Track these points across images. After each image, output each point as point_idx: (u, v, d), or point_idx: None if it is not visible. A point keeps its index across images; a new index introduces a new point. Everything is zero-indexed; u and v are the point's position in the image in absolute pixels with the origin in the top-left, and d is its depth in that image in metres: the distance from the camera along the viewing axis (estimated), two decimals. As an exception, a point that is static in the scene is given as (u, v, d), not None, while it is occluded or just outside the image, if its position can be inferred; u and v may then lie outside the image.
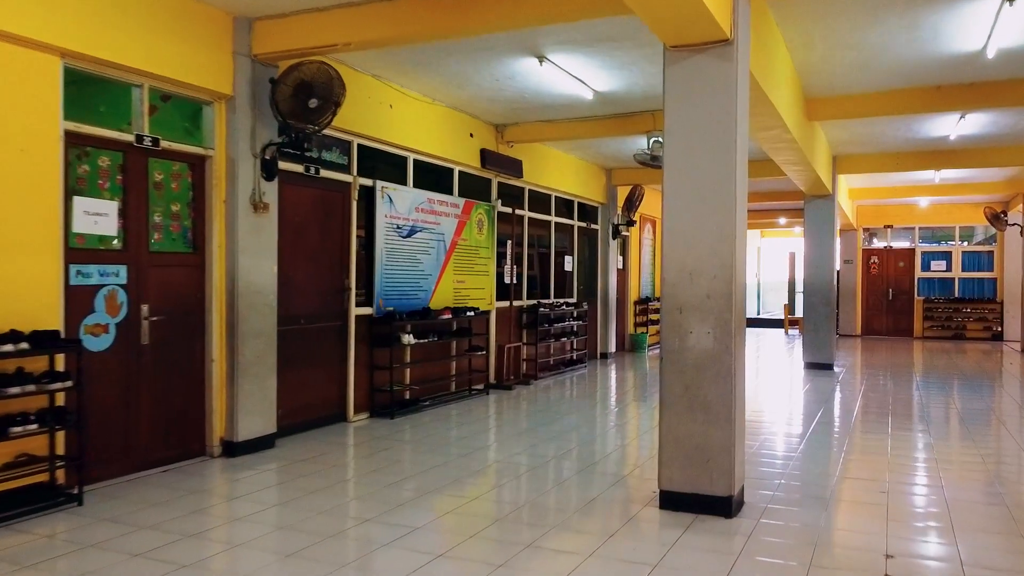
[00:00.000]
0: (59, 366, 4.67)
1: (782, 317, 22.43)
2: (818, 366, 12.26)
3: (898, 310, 19.57)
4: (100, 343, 5.09)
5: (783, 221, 22.72)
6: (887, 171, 12.62)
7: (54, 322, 4.67)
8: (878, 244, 20.02)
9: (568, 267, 12.56)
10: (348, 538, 4.12)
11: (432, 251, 8.58)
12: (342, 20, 5.64)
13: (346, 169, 7.37)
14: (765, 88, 5.89)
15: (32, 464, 4.52)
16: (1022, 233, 15.87)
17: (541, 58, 6.89)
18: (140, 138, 5.29)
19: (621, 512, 4.61)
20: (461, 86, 7.88)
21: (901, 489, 5.24)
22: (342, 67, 6.93)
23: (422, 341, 8.13)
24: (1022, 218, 16.16)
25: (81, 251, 4.98)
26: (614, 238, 13.81)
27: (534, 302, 10.99)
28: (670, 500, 4.60)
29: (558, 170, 11.69)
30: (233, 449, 5.88)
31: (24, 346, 4.31)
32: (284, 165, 6.48)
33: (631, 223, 13.82)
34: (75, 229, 4.93)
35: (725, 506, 4.47)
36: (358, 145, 7.47)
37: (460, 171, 9.21)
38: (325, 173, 7.06)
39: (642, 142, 10.14)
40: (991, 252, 18.92)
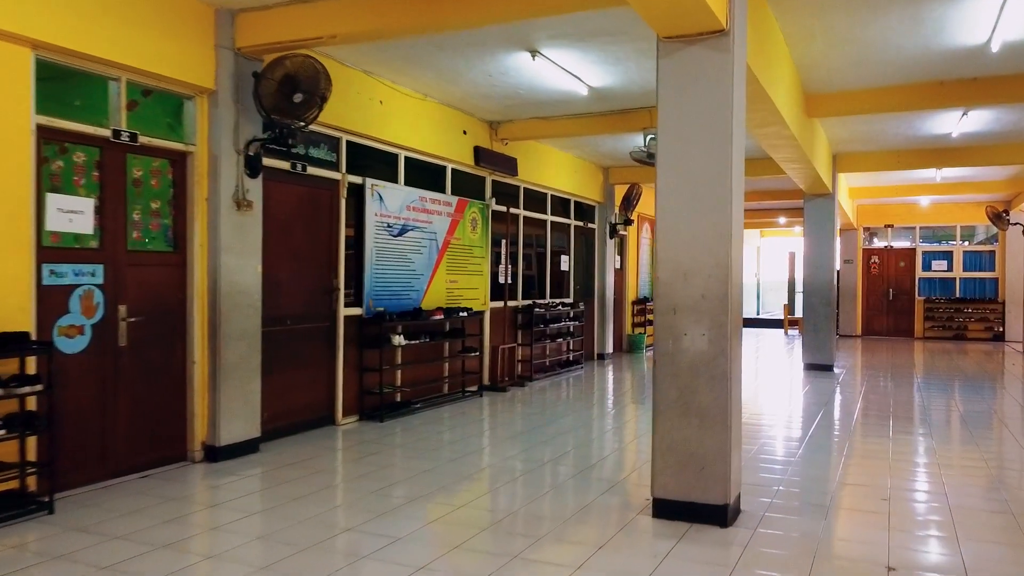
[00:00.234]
0: (31, 369, 4.51)
1: (782, 317, 22.27)
2: (818, 367, 12.09)
3: (899, 310, 19.41)
4: (75, 345, 4.92)
5: (783, 220, 22.57)
6: (888, 169, 12.45)
7: (25, 323, 4.50)
8: (878, 244, 19.86)
9: (565, 267, 12.39)
10: (326, 550, 3.95)
11: (424, 250, 8.41)
12: (327, 12, 5.49)
13: (334, 166, 7.20)
14: (763, 82, 5.73)
15: (1, 471, 4.36)
16: (1024, 232, 15.73)
17: (534, 52, 6.73)
18: (117, 133, 5.12)
19: (613, 521, 4.44)
20: (453, 82, 7.71)
21: (902, 495, 5.07)
22: (330, 62, 6.77)
23: (413, 342, 7.97)
24: (1024, 217, 16.02)
25: (55, 250, 4.81)
26: (611, 237, 13.64)
27: (529, 302, 10.82)
28: (664, 508, 4.43)
29: (554, 168, 11.52)
30: (215, 454, 5.71)
31: (-9, 349, 4.15)
32: (269, 162, 6.32)
33: (628, 222, 13.65)
34: (48, 227, 4.76)
35: (721, 515, 4.30)
36: (347, 142, 7.30)
37: (453, 169, 9.04)
38: (313, 170, 6.89)
39: (639, 140, 9.97)
40: (992, 252, 18.76)
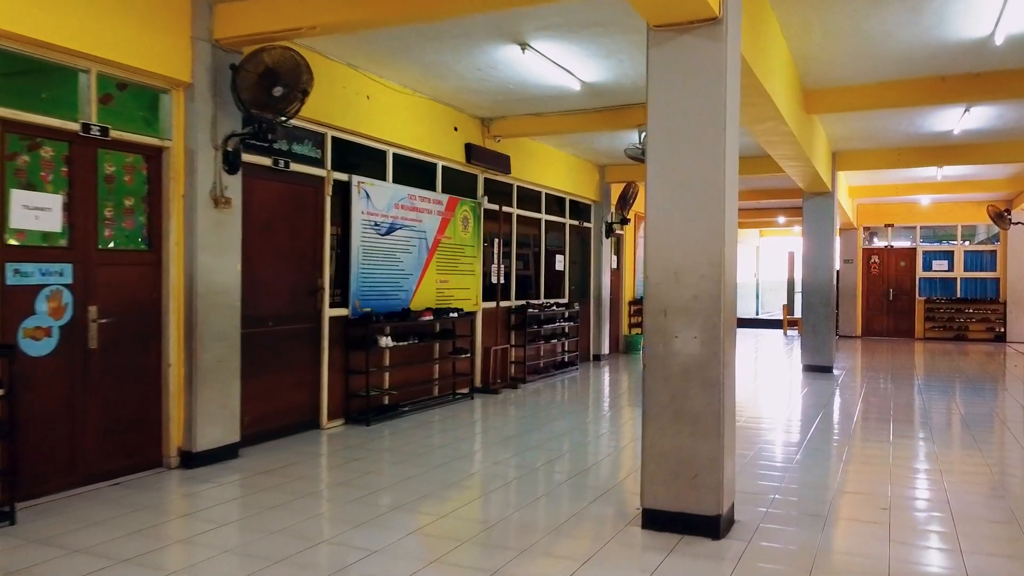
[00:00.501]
0: (-8, 373, 4.31)
1: (781, 318, 22.07)
2: (817, 368, 11.88)
3: (899, 311, 19.20)
4: (41, 347, 4.72)
5: (782, 220, 22.36)
6: (888, 168, 12.24)
7: (-14, 325, 4.31)
8: (879, 243, 19.66)
9: (560, 267, 12.19)
10: (298, 563, 3.75)
11: (413, 249, 8.21)
12: (307, 2, 5.27)
13: (319, 163, 7.00)
14: (759, 75, 5.53)
15: (-40, 479, 4.17)
16: (1026, 232, 15.53)
17: (523, 45, 6.52)
18: (87, 127, 4.92)
19: (601, 532, 4.24)
20: (442, 76, 7.51)
21: (903, 503, 4.87)
22: (315, 55, 6.58)
23: (401, 343, 7.77)
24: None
25: (20, 248, 4.61)
26: (608, 237, 13.44)
27: (523, 302, 10.62)
28: (653, 519, 4.23)
29: (549, 166, 11.32)
30: (192, 460, 5.51)
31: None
32: (250, 158, 6.12)
33: (625, 221, 13.44)
34: (13, 224, 4.56)
35: (713, 526, 4.10)
36: (332, 138, 7.10)
37: (444, 166, 8.84)
38: (296, 167, 6.69)
39: (633, 136, 9.77)
40: (994, 251, 18.56)
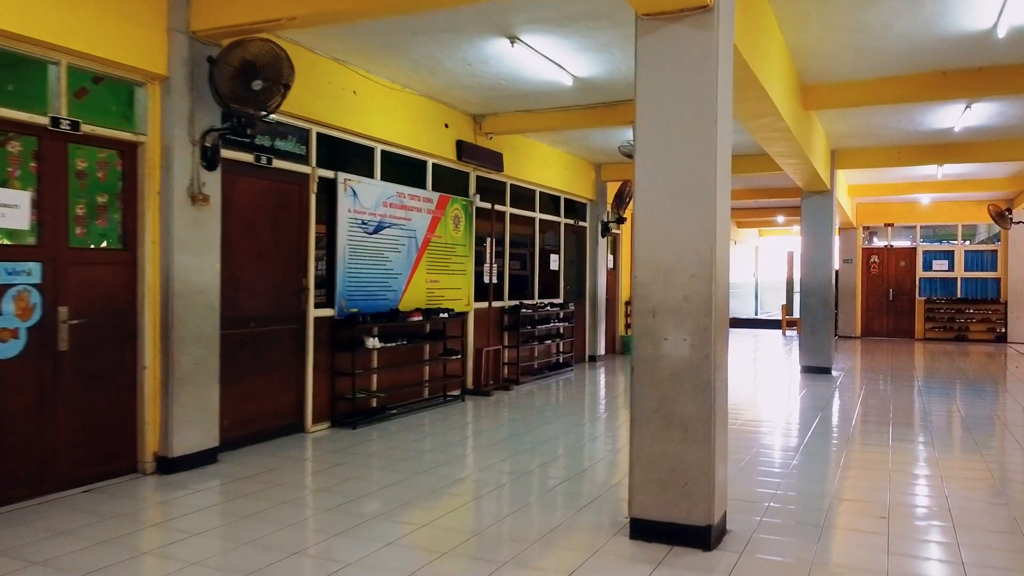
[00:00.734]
0: (-47, 376, 4.14)
1: (780, 318, 21.89)
2: (815, 370, 11.70)
3: (899, 311, 19.03)
4: (7, 350, 4.54)
5: (781, 220, 22.22)
6: (888, 166, 12.07)
7: (-53, 327, 4.14)
8: (878, 243, 19.48)
9: (555, 266, 12.01)
10: (268, 576, 3.58)
11: (402, 248, 8.03)
12: (286, -8, 5.10)
13: (304, 159, 6.82)
14: (754, 68, 5.35)
15: (-82, 488, 4.00)
16: (1027, 231, 15.35)
17: (513, 39, 6.35)
18: (56, 121, 4.74)
19: (587, 543, 4.07)
20: (431, 71, 7.33)
21: (902, 512, 4.69)
22: (299, 49, 6.41)
23: (389, 345, 7.59)
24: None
25: (-15, 247, 4.46)
26: (603, 236, 13.27)
27: (516, 303, 10.44)
28: (641, 529, 4.06)
29: (543, 164, 11.14)
30: (168, 465, 5.34)
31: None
32: (231, 154, 5.95)
33: (621, 220, 13.27)
34: (-23, 222, 4.40)
35: (704, 537, 3.93)
36: (318, 134, 6.92)
37: (434, 164, 8.66)
38: (279, 163, 6.51)
39: (628, 133, 9.60)
40: (995, 251, 18.38)
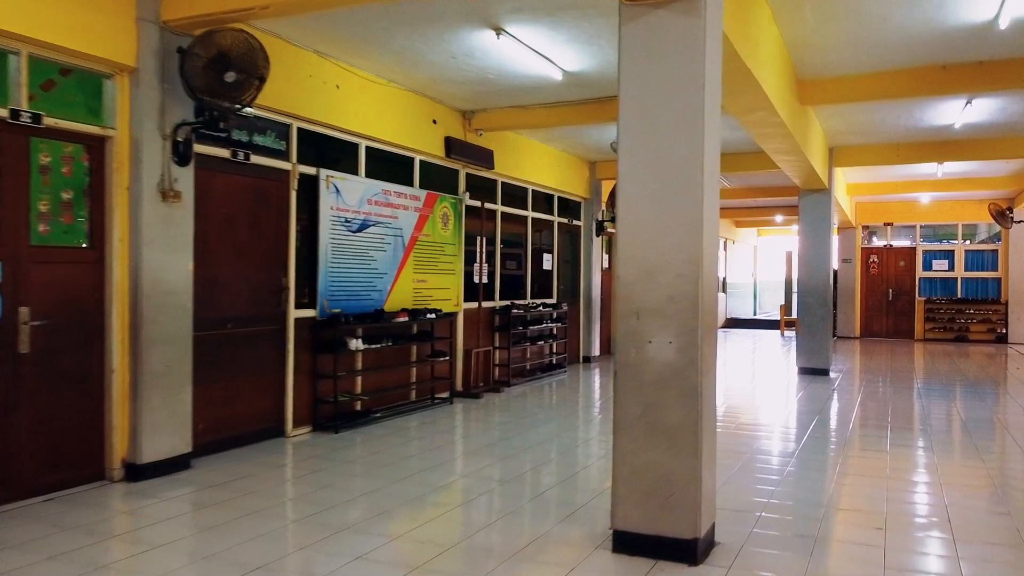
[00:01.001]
0: (-98, 381, 3.94)
1: (778, 318, 21.68)
2: (813, 371, 11.50)
3: (899, 311, 18.82)
4: (-37, 352, 4.36)
5: (780, 219, 22.02)
6: (887, 164, 11.86)
7: None
8: (878, 242, 19.28)
9: (548, 266, 11.80)
10: (226, 594, 3.38)
11: (388, 247, 7.82)
12: (258, -20, 4.90)
13: (284, 155, 6.61)
14: (746, 60, 5.15)
15: None
16: (1029, 231, 15.14)
17: (498, 30, 6.14)
18: (16, 114, 4.53)
19: (565, 558, 3.86)
20: (416, 65, 7.13)
21: (900, 523, 4.49)
22: (278, 41, 6.21)
23: (374, 346, 7.38)
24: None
25: (-62, 245, 4.25)
26: (598, 235, 13.07)
27: (508, 303, 10.23)
28: (625, 542, 3.86)
29: (536, 162, 10.93)
30: (137, 472, 5.13)
31: None
32: (206, 149, 5.75)
33: (616, 219, 13.03)
34: (-71, 219, 4.20)
35: (690, 551, 3.73)
36: (299, 129, 6.71)
37: (422, 161, 8.46)
38: (258, 159, 6.31)
39: (622, 130, 9.38)
40: (995, 251, 18.18)
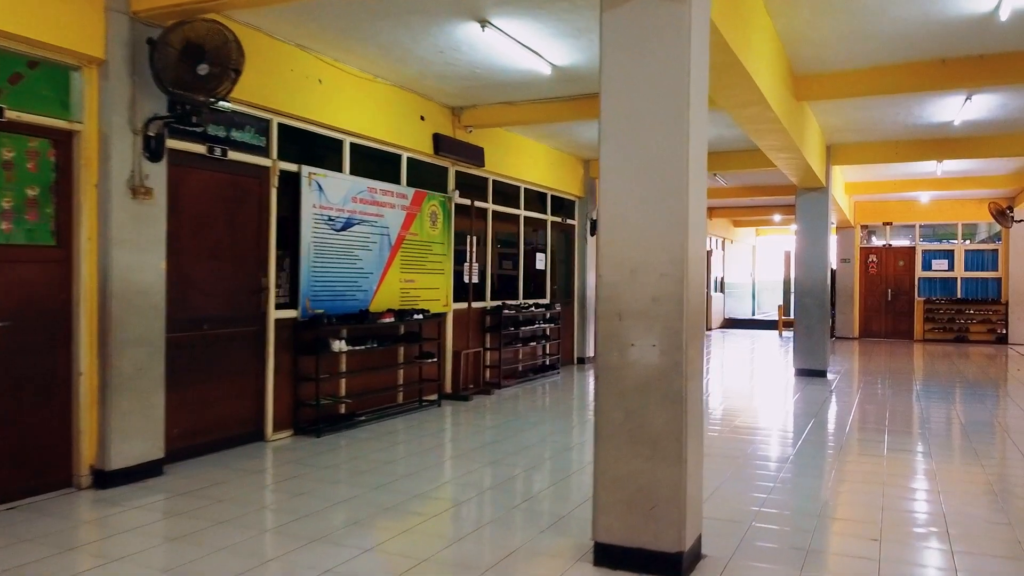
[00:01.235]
0: None
1: (776, 318, 21.50)
2: (810, 372, 11.31)
3: (898, 311, 18.64)
4: (-83, 355, 4.18)
5: (778, 218, 21.84)
6: (885, 162, 11.67)
7: None
8: (877, 242, 19.10)
9: (541, 265, 11.62)
10: (182, 612, 3.20)
11: (374, 247, 7.64)
12: (230, -32, 4.73)
13: (264, 151, 6.43)
14: (737, 51, 4.96)
15: None
16: (1029, 230, 14.95)
17: (483, 22, 5.96)
18: (-24, 106, 4.37)
19: (544, 572, 3.67)
20: (401, 59, 6.94)
21: (897, 533, 4.30)
22: (257, 34, 6.03)
23: (359, 348, 7.20)
24: (1029, 214, 15.25)
25: None
26: (592, 234, 12.87)
27: (499, 303, 10.05)
28: (607, 555, 3.67)
29: (528, 160, 10.75)
30: (105, 479, 4.95)
31: None
32: (181, 145, 5.57)
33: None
34: None
35: (675, 564, 3.54)
36: (279, 124, 6.53)
37: (409, 158, 8.27)
38: (236, 155, 6.12)
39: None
40: (995, 251, 18.00)
